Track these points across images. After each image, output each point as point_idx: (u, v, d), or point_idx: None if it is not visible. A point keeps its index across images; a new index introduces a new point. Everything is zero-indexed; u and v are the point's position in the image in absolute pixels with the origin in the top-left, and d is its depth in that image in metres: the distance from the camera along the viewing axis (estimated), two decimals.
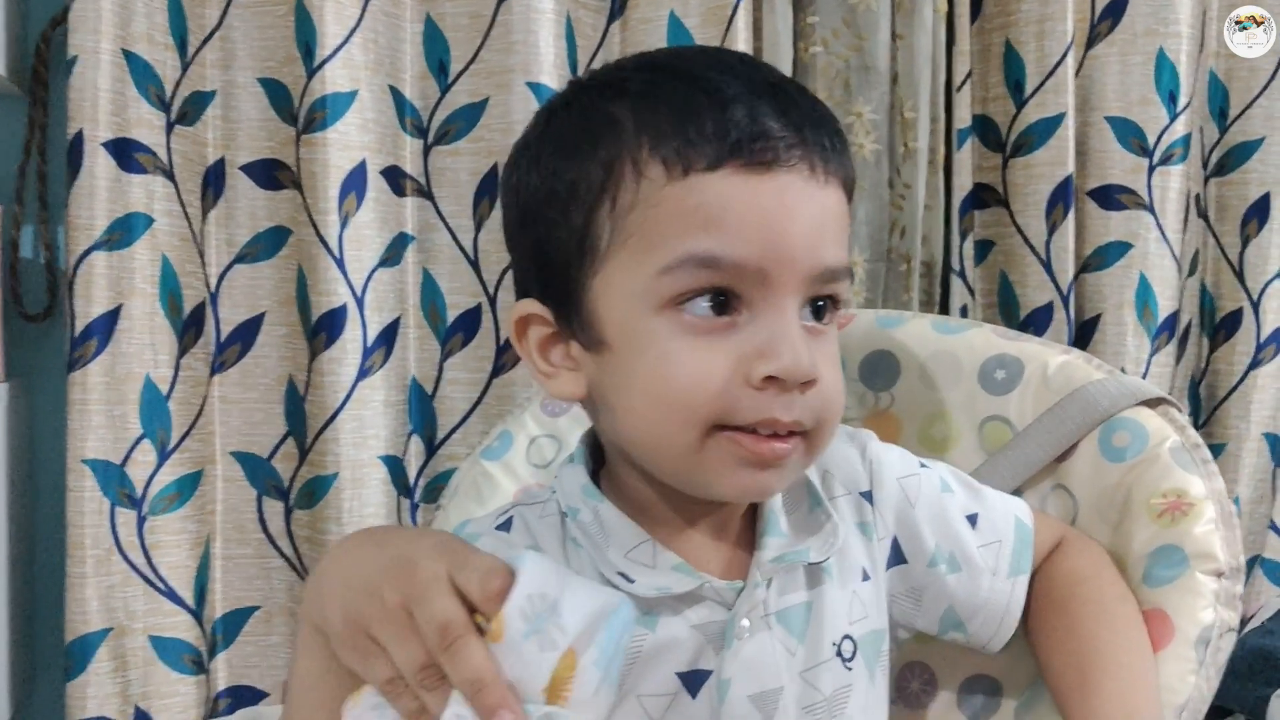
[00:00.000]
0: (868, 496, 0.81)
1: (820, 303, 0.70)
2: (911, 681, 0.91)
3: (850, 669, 0.75)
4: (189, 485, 1.33)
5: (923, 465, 0.85)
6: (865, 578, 0.79)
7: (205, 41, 1.33)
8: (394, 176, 1.36)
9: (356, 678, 0.65)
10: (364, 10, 1.31)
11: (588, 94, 0.73)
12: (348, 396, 1.32)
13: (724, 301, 0.67)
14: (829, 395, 0.69)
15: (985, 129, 1.49)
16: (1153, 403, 0.87)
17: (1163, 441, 0.84)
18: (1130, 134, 1.46)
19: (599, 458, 0.78)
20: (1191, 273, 1.55)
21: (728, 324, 0.67)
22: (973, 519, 0.83)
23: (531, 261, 0.74)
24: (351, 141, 1.31)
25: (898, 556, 0.82)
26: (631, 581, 0.71)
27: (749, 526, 0.77)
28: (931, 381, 0.97)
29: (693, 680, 0.71)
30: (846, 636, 0.75)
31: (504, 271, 1.37)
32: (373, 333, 1.34)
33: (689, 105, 0.67)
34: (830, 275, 0.69)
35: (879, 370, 0.99)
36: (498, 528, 0.77)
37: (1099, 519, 0.86)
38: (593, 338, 0.70)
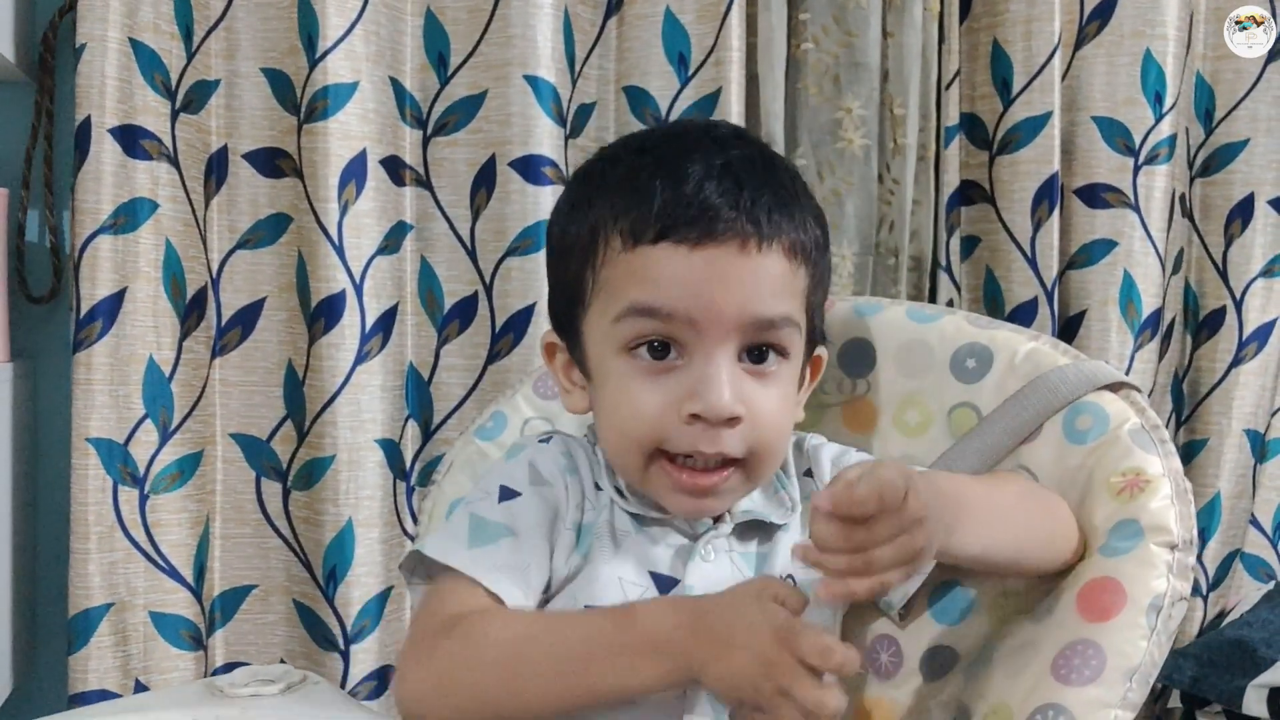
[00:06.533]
0: (808, 474, 0.94)
1: (762, 348, 0.83)
2: (881, 654, 0.95)
3: None
4: (190, 465, 1.36)
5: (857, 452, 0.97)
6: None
7: (210, 31, 1.36)
8: (393, 166, 1.39)
9: None
10: (365, 3, 1.34)
11: (600, 164, 0.89)
12: (345, 381, 1.35)
13: (664, 347, 0.81)
14: (763, 427, 0.83)
15: (972, 127, 1.52)
16: (1114, 386, 0.90)
17: (1123, 423, 0.87)
18: (1116, 133, 1.48)
19: None
20: (1175, 271, 1.57)
21: (666, 367, 0.82)
22: None
23: (551, 298, 0.92)
24: (352, 131, 1.34)
25: None
26: (625, 499, 0.87)
27: None
28: (905, 369, 0.99)
29: (662, 583, 0.85)
30: (788, 575, 0.87)
31: (499, 261, 1.40)
32: (371, 319, 1.37)
33: (647, 189, 0.81)
34: (766, 324, 0.82)
35: (856, 358, 1.01)
36: (540, 441, 0.92)
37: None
38: (585, 369, 0.88)
